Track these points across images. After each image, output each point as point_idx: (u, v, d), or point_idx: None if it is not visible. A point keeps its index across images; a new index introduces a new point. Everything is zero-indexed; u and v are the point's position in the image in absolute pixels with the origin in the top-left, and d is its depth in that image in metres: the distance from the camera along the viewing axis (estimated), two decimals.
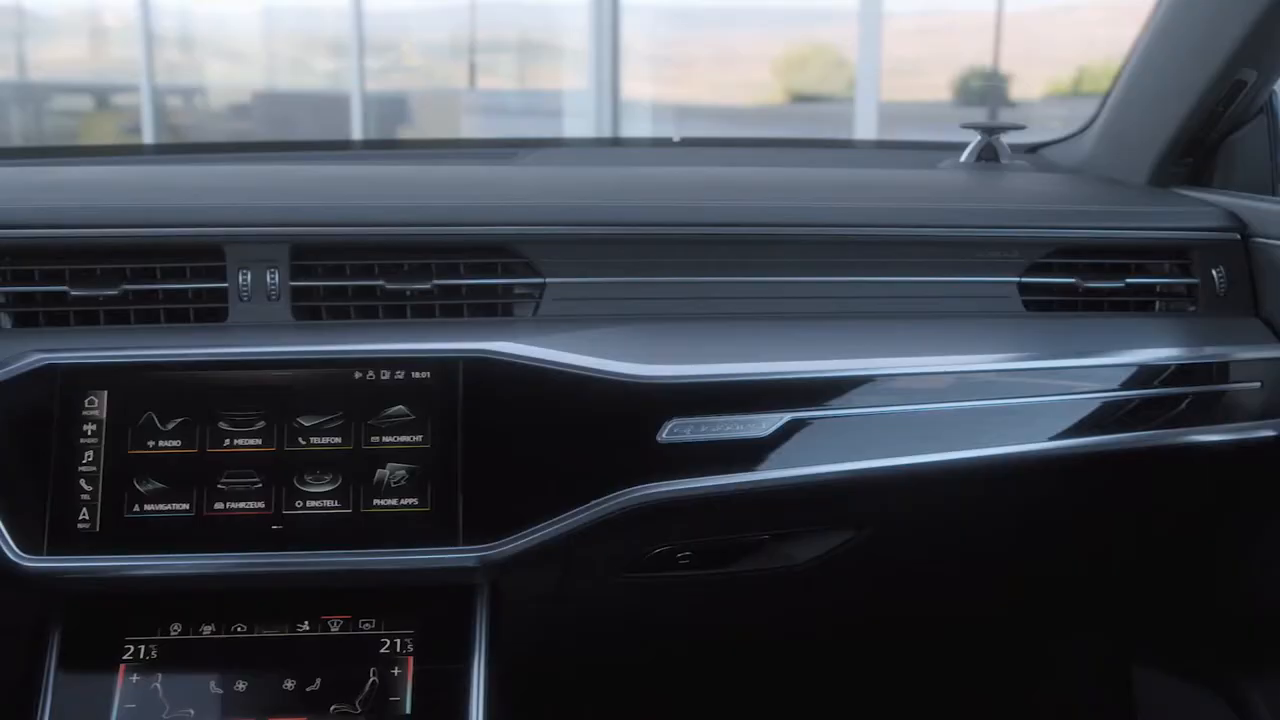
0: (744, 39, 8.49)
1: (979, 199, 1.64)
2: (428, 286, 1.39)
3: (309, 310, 1.39)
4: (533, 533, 1.32)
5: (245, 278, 1.38)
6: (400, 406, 1.35)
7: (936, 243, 1.48)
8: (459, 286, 1.40)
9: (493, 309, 1.41)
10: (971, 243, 1.48)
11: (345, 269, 1.40)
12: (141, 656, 1.34)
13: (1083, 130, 1.88)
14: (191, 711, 1.32)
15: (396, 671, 1.34)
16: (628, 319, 1.41)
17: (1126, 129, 1.77)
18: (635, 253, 1.43)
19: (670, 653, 1.75)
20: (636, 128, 7.86)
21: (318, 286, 1.39)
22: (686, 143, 1.97)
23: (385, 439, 1.34)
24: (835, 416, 1.39)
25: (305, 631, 1.36)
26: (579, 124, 8.01)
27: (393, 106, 9.33)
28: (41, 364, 1.33)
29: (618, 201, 1.44)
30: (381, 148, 2.55)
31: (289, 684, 1.33)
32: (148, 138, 9.21)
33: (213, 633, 1.36)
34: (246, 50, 10.49)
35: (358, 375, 1.35)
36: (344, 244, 1.39)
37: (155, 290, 1.38)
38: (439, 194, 1.43)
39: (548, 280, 1.41)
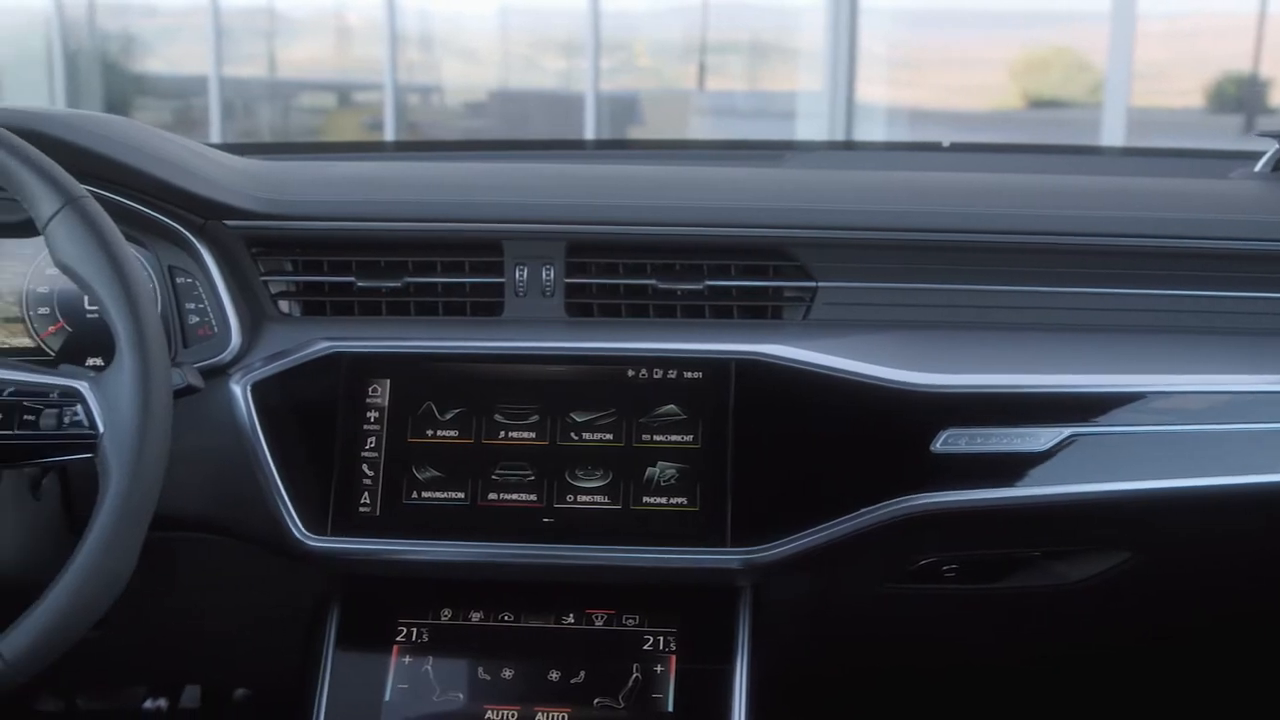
0: (977, 41, 8.33)
1: None
2: (699, 287, 1.40)
3: (581, 307, 1.41)
4: (800, 538, 1.32)
5: (522, 273, 1.41)
6: (671, 405, 1.36)
7: (1235, 256, 1.41)
8: (730, 288, 1.40)
9: (762, 311, 1.41)
10: (1271, 257, 1.41)
11: (618, 267, 1.41)
12: (414, 639, 1.39)
13: None
14: (460, 695, 1.36)
15: (659, 669, 1.35)
16: (899, 325, 1.39)
17: None
18: (909, 258, 1.40)
19: (930, 666, 1.72)
20: (870, 131, 7.78)
21: (591, 284, 1.41)
22: (956, 148, 1.93)
23: (656, 437, 1.35)
24: (1116, 433, 1.35)
25: (570, 624, 1.39)
26: (811, 126, 7.96)
27: (623, 106, 9.43)
28: (329, 351, 1.38)
29: (892, 205, 1.42)
30: (642, 148, 2.58)
31: (554, 675, 1.36)
32: (389, 134, 9.52)
33: (481, 620, 1.40)
34: (480, 49, 10.75)
35: (630, 373, 1.37)
36: (619, 242, 1.41)
37: (435, 284, 1.41)
38: (713, 195, 1.44)
39: (820, 284, 1.40)
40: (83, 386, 1.15)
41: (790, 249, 1.39)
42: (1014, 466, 1.33)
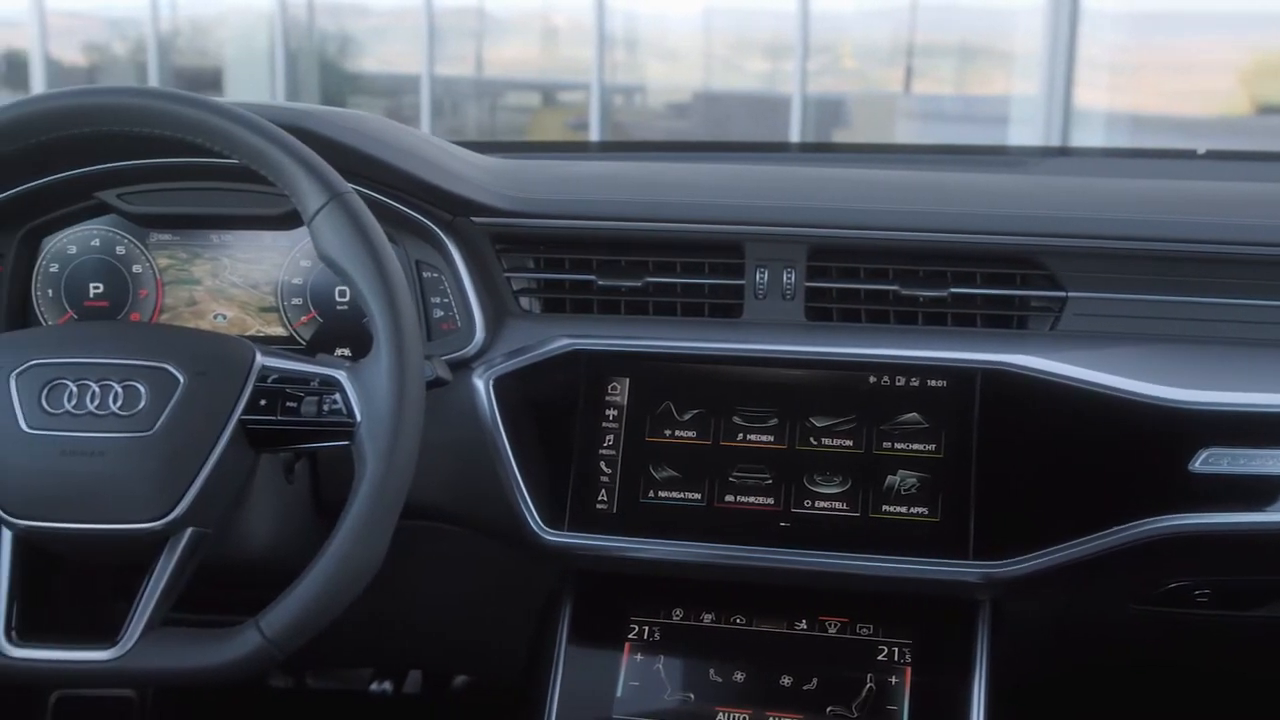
0: (1200, 45, 8.02)
1: None
2: (943, 294, 1.37)
3: (821, 311, 1.40)
4: (1046, 554, 1.28)
5: (762, 276, 1.40)
6: (914, 414, 1.33)
7: None
8: (974, 296, 1.37)
9: (1007, 320, 1.37)
10: None
11: (860, 272, 1.39)
12: (645, 637, 1.39)
13: None
14: (691, 696, 1.36)
15: (894, 680, 1.33)
16: (1152, 338, 1.34)
17: None
18: (1164, 269, 1.35)
19: (1176, 691, 1.66)
20: (1088, 138, 7.56)
21: (832, 288, 1.40)
22: (1212, 155, 1.86)
23: (897, 445, 1.33)
24: None
25: (803, 630, 1.38)
26: (1025, 132, 7.77)
27: (827, 109, 9.35)
28: (570, 348, 1.39)
29: (1147, 215, 1.37)
30: (848, 151, 2.55)
31: (785, 680, 1.35)
32: (594, 134, 9.62)
33: (712, 621, 1.39)
34: (683, 51, 10.78)
35: (872, 379, 1.35)
36: (861, 247, 1.39)
37: (674, 284, 1.42)
38: (959, 201, 1.41)
39: (1070, 294, 1.36)
40: (341, 376, 1.19)
41: (1040, 257, 1.36)
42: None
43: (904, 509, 1.32)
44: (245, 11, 11.69)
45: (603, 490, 1.37)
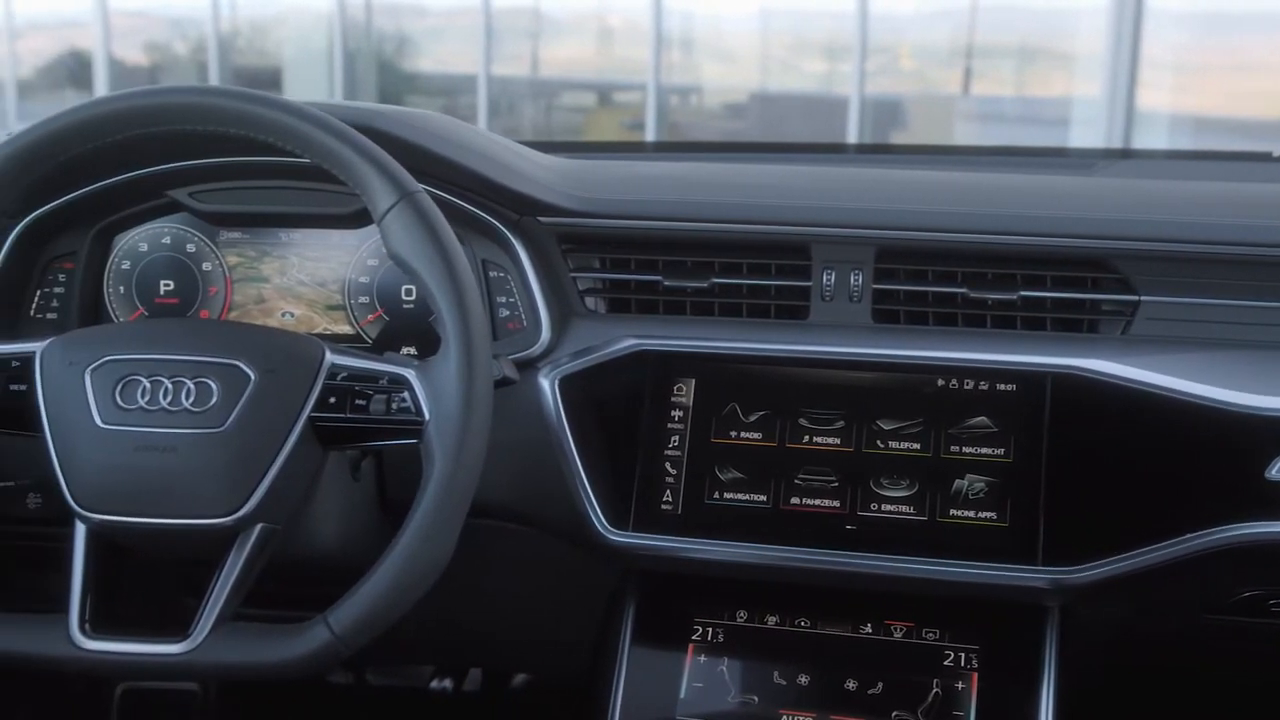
0: (1266, 45, 7.90)
1: None
2: (1012, 297, 1.35)
3: (888, 313, 1.39)
4: (1117, 561, 1.27)
5: (829, 277, 1.39)
6: (982, 417, 1.32)
7: None
8: (1044, 299, 1.36)
9: (1077, 324, 1.36)
10: None
11: (928, 274, 1.38)
12: (709, 638, 1.39)
13: None
14: (755, 698, 1.35)
15: (960, 685, 1.32)
16: (1226, 343, 1.33)
17: None
18: (1239, 274, 1.33)
19: (1248, 701, 1.64)
20: (1151, 140, 7.47)
21: (899, 290, 1.39)
22: None
23: (965, 449, 1.32)
24: None
25: (867, 634, 1.37)
26: (1086, 133, 7.70)
27: (885, 110, 9.30)
28: (636, 349, 1.39)
29: (1223, 218, 1.35)
30: (906, 153, 2.53)
31: (850, 684, 1.34)
32: (649, 135, 9.62)
33: (776, 624, 1.39)
34: (739, 51, 10.76)
35: (940, 383, 1.34)
36: (929, 249, 1.38)
37: (740, 285, 1.41)
38: (1027, 203, 1.39)
39: (1142, 298, 1.34)
40: (410, 374, 1.19)
41: (1113, 260, 1.34)
42: None
43: (972, 513, 1.31)
44: (304, 12, 11.80)
45: (667, 491, 1.36)
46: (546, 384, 1.39)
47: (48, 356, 1.22)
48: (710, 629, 1.39)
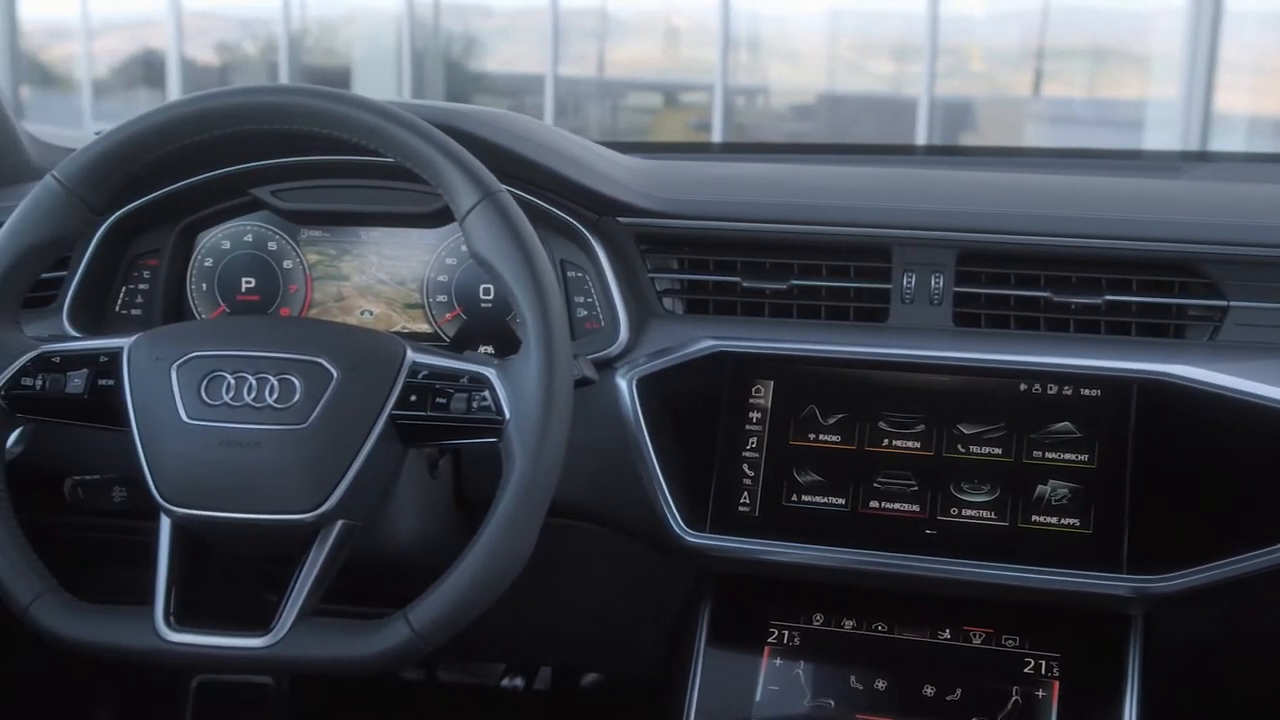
0: None
1: None
2: (1097, 302, 1.34)
3: (969, 317, 1.37)
4: (1205, 570, 1.25)
5: (909, 280, 1.38)
6: (1066, 423, 1.31)
7: None
8: (1130, 304, 1.34)
9: (1163, 329, 1.34)
10: None
11: (1010, 278, 1.37)
12: (785, 641, 1.38)
13: None
14: (831, 702, 1.34)
15: (1040, 694, 1.31)
16: None
17: None
18: None
19: None
20: (1228, 143, 7.36)
21: (980, 294, 1.37)
22: None
23: (1048, 455, 1.31)
24: None
25: (946, 639, 1.35)
26: (1161, 136, 7.60)
27: (955, 112, 9.23)
28: (714, 350, 1.39)
29: None
30: (977, 154, 2.50)
31: (928, 690, 1.33)
32: (716, 135, 9.60)
33: (853, 628, 1.38)
34: (806, 52, 10.72)
35: (1022, 387, 1.33)
36: (1012, 252, 1.36)
37: (819, 287, 1.40)
38: (1111, 206, 1.37)
39: (1232, 303, 1.32)
40: (490, 373, 1.19)
41: (1201, 265, 1.32)
42: None
43: (1054, 519, 1.29)
44: (372, 12, 11.90)
45: (745, 493, 1.36)
46: (624, 384, 1.39)
47: (135, 352, 1.23)
48: (786, 632, 1.39)
